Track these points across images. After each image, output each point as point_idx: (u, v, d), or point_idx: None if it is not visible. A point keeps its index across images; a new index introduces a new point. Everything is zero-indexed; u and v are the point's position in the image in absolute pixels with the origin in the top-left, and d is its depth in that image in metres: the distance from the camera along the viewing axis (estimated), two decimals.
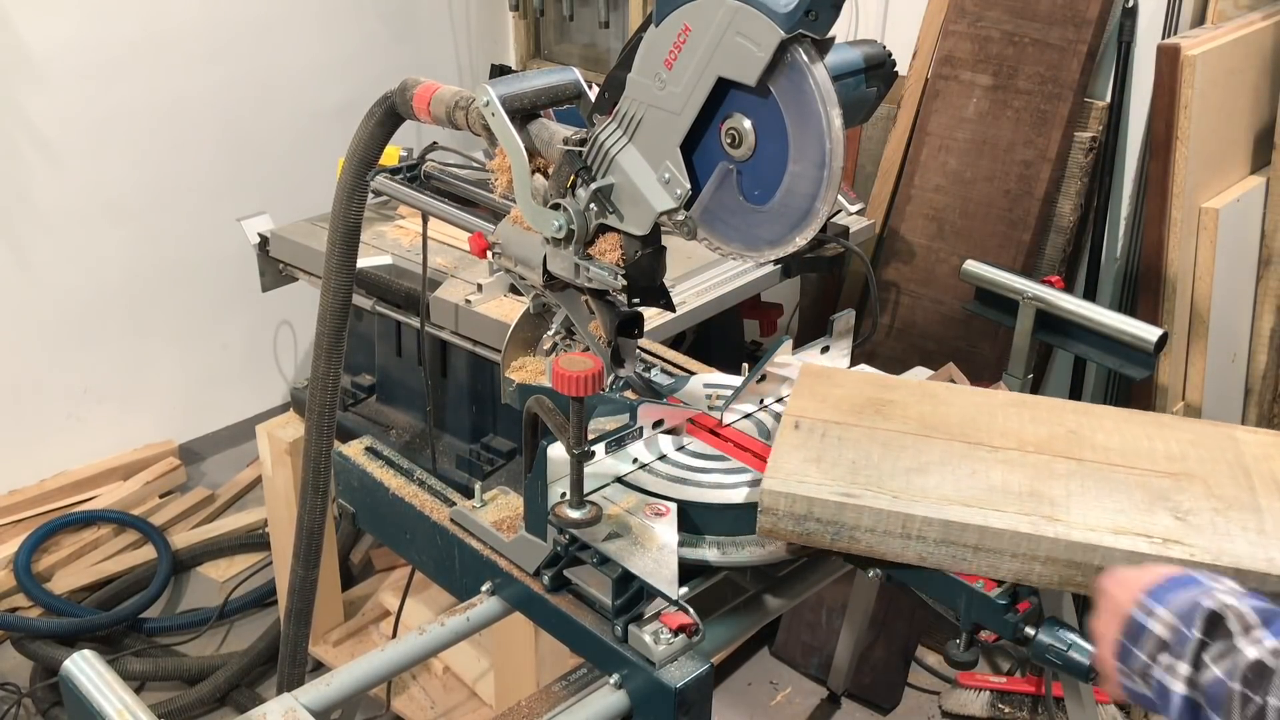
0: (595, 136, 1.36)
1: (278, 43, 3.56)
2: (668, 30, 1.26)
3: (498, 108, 1.42)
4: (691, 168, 1.33)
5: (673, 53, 1.26)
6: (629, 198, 1.36)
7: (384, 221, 2.61)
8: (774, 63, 1.20)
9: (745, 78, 1.22)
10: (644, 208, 1.35)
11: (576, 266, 1.43)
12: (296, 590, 1.98)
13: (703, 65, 1.25)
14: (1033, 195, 2.81)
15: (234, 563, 3.34)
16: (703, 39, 1.24)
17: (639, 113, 1.32)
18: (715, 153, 1.30)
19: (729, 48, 1.22)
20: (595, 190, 1.36)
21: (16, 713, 2.79)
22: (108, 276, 3.38)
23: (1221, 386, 2.84)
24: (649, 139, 1.33)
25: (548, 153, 1.45)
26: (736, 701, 2.89)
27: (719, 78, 1.25)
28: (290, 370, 3.93)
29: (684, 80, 1.27)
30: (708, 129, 1.30)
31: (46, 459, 3.40)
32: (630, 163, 1.35)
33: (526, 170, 1.43)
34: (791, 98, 1.21)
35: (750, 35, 1.20)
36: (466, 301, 2.19)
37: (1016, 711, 2.77)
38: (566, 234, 1.40)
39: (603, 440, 1.37)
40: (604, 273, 1.40)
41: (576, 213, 1.39)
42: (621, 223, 1.38)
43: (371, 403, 2.63)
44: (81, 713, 1.21)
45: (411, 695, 2.77)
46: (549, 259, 1.46)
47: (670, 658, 1.25)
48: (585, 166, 1.37)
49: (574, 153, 1.38)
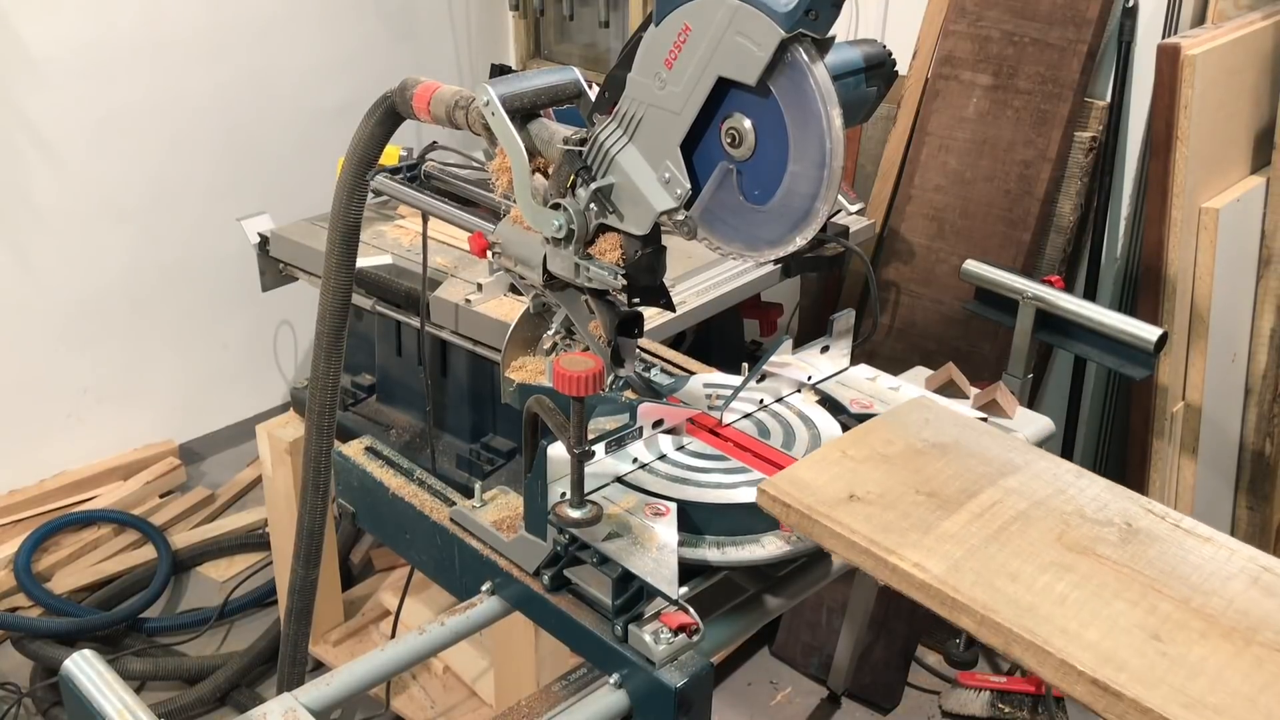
0: (595, 136, 1.36)
1: (278, 43, 3.56)
2: (668, 30, 1.26)
3: (497, 107, 1.42)
4: (691, 168, 1.32)
5: (673, 52, 1.26)
6: (629, 197, 1.36)
7: (384, 221, 2.61)
8: (774, 62, 1.20)
9: (745, 77, 1.22)
10: (644, 208, 1.35)
11: (576, 266, 1.42)
12: (297, 590, 1.98)
13: (703, 65, 1.25)
14: (1033, 195, 2.81)
15: (234, 563, 3.34)
16: (703, 38, 1.24)
17: (639, 112, 1.32)
18: (715, 152, 1.30)
19: (729, 47, 1.22)
20: (595, 190, 1.36)
21: (16, 713, 2.79)
22: (107, 276, 3.38)
23: (1221, 386, 2.84)
24: (649, 139, 1.33)
25: (548, 152, 1.45)
26: (736, 701, 2.89)
27: (719, 77, 1.24)
28: (290, 370, 3.93)
29: (684, 80, 1.27)
30: (708, 129, 1.29)
31: (46, 459, 3.40)
32: (630, 162, 1.34)
33: (526, 170, 1.43)
34: (792, 97, 1.21)
35: (750, 35, 1.19)
36: (466, 301, 2.19)
37: (1016, 711, 2.76)
38: (566, 234, 1.40)
39: (603, 440, 1.37)
40: (604, 272, 1.40)
41: (576, 212, 1.38)
42: (621, 222, 1.38)
43: (371, 402, 2.63)
44: (81, 713, 1.21)
45: (411, 695, 2.77)
46: (549, 259, 1.46)
47: (670, 657, 1.25)
48: (585, 166, 1.37)
49: (574, 152, 1.38)
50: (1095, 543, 1.21)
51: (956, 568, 1.16)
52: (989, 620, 1.10)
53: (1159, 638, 1.07)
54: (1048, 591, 1.12)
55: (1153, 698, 0.99)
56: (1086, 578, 1.15)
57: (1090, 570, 1.16)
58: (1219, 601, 1.13)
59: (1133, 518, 1.26)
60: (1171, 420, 2.79)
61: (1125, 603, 1.12)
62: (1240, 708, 0.99)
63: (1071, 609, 1.10)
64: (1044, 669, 1.06)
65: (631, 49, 1.31)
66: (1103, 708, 1.02)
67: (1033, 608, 1.10)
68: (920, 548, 1.18)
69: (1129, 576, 1.16)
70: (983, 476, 1.31)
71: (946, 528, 1.22)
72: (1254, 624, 1.09)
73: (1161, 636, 1.07)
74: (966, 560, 1.17)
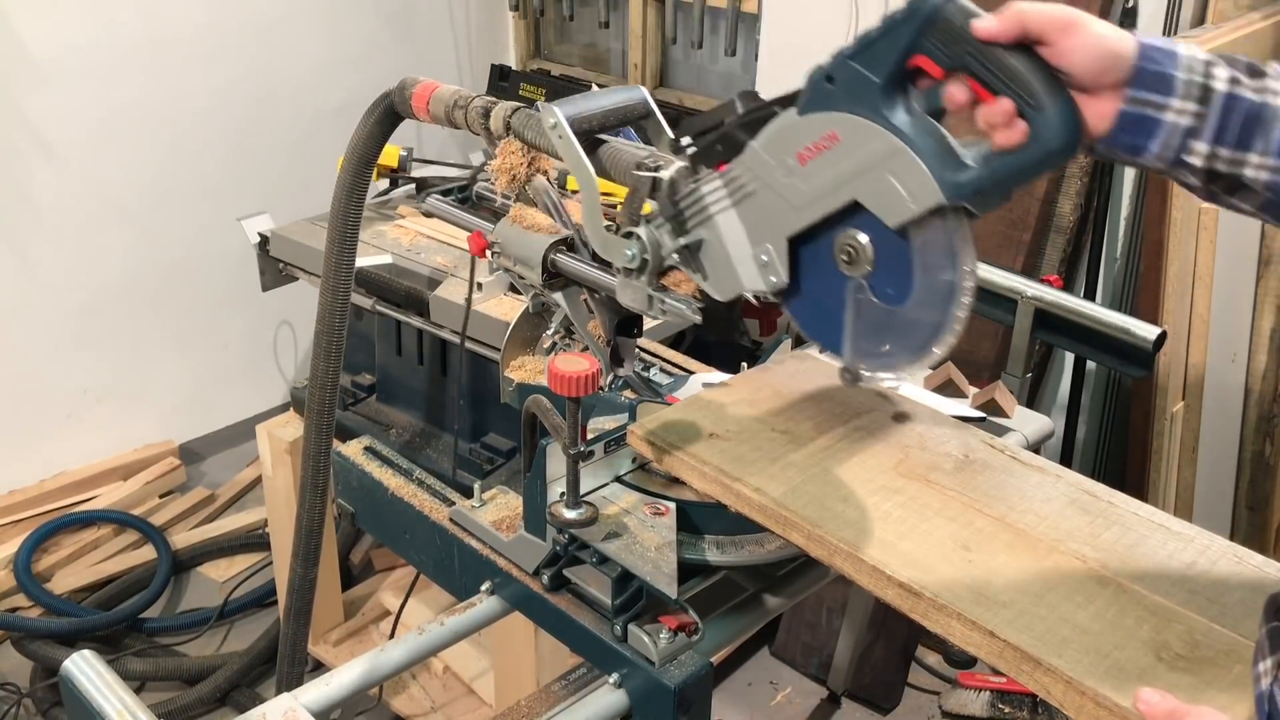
0: (697, 189, 1.23)
1: (278, 43, 3.57)
2: (812, 127, 1.11)
3: (565, 129, 1.31)
4: (793, 257, 1.20)
5: (810, 151, 1.12)
6: (717, 261, 1.24)
7: (384, 221, 2.61)
8: (921, 217, 1.08)
9: (885, 217, 1.09)
10: (731, 279, 1.24)
11: (650, 298, 1.32)
12: (296, 589, 1.98)
13: (841, 182, 1.11)
14: (1033, 195, 2.81)
15: (234, 563, 3.34)
16: (849, 157, 1.09)
17: (753, 187, 1.18)
18: (823, 253, 1.17)
19: (878, 181, 1.08)
20: (684, 246, 1.25)
21: (16, 713, 2.79)
22: (108, 276, 3.38)
23: (1221, 386, 2.84)
24: (756, 215, 1.20)
25: (620, 177, 1.35)
26: (736, 701, 2.89)
27: (855, 200, 1.11)
28: (290, 370, 3.94)
29: (814, 184, 1.13)
30: (822, 230, 1.17)
31: (46, 459, 3.40)
32: (728, 228, 1.22)
33: (597, 198, 1.32)
34: (929, 254, 1.10)
35: (905, 183, 1.06)
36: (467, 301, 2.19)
37: (1016, 711, 2.76)
38: (640, 264, 1.30)
39: (601, 440, 1.37)
40: (680, 305, 1.30)
41: (651, 242, 1.28)
42: (704, 281, 1.26)
43: (371, 402, 2.62)
44: (81, 713, 1.21)
45: (411, 695, 2.77)
46: (619, 290, 1.36)
47: (670, 657, 1.25)
48: (679, 214, 1.25)
49: (647, 179, 1.25)
50: (930, 470, 1.32)
51: (794, 491, 1.26)
52: (815, 535, 1.20)
53: (968, 548, 1.18)
54: (874, 510, 1.23)
55: (948, 595, 1.10)
56: (913, 499, 1.26)
57: (918, 492, 1.27)
58: (1033, 518, 1.24)
59: (971, 450, 1.37)
60: (1171, 420, 2.79)
61: (944, 519, 1.22)
62: (1026, 602, 1.09)
63: (893, 524, 1.21)
64: (860, 575, 1.17)
65: (759, 117, 1.16)
66: (908, 608, 1.14)
67: (856, 523, 1.21)
68: (764, 475, 1.28)
69: (953, 498, 1.26)
70: (837, 417, 1.42)
71: (793, 458, 1.32)
72: (1061, 536, 1.20)
73: (971, 547, 1.17)
74: (805, 485, 1.27)
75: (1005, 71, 0.98)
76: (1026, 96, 0.98)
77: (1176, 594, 1.11)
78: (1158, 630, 1.06)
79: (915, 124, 1.05)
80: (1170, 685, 0.97)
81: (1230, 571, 1.15)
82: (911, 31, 1.01)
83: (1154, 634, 1.05)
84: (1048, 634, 1.04)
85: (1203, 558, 1.17)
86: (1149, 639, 1.04)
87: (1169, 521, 1.24)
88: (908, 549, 1.17)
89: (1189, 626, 1.06)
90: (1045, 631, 1.05)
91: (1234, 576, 1.14)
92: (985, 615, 1.07)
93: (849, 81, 1.06)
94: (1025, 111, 0.98)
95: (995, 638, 1.05)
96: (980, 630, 1.06)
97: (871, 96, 1.05)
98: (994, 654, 1.06)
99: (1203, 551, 1.18)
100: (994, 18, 0.98)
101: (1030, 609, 1.08)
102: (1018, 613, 1.07)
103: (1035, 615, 1.07)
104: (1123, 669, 1.00)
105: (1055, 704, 1.01)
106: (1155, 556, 1.17)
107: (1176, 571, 1.14)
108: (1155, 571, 1.14)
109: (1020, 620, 1.06)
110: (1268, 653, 0.91)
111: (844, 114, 1.07)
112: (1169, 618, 1.07)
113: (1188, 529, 1.22)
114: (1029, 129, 0.98)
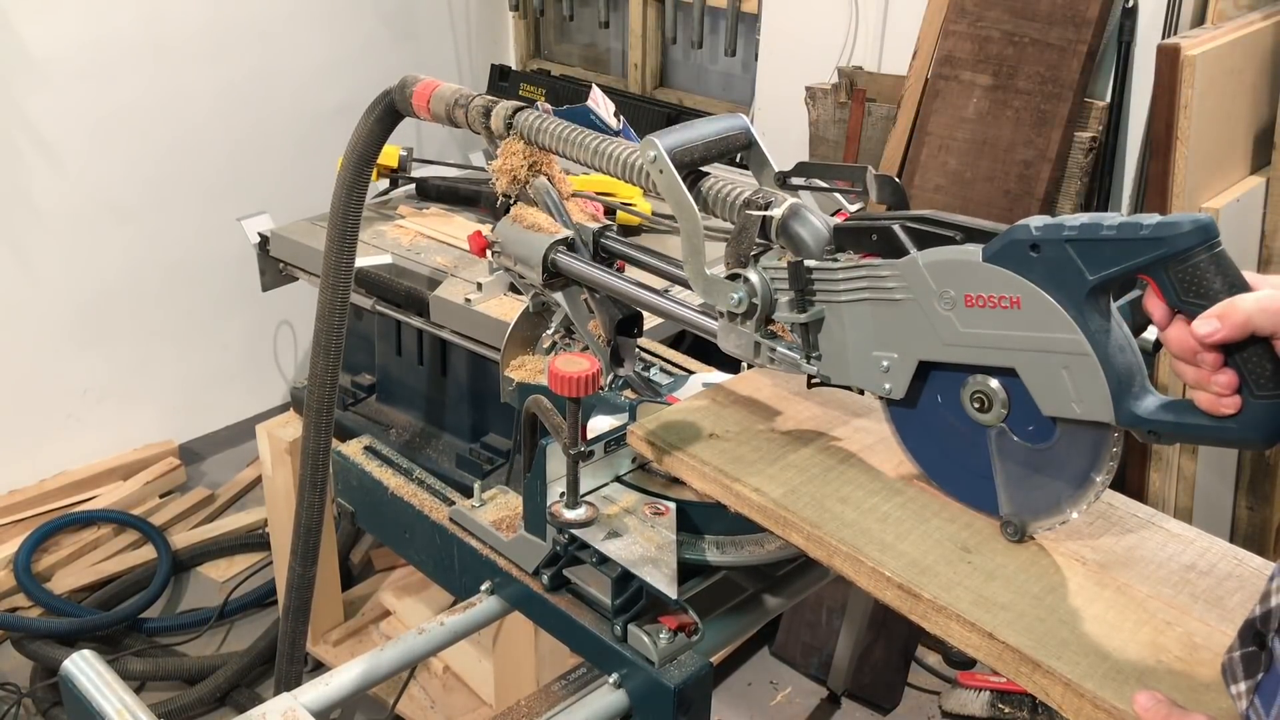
0: (836, 269, 1.16)
1: (278, 43, 3.57)
2: (994, 278, 1.02)
3: (666, 164, 1.23)
4: (919, 376, 1.14)
5: (983, 301, 1.03)
6: (833, 344, 1.19)
7: (384, 221, 2.61)
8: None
9: (1041, 404, 1.04)
10: (839, 366, 1.19)
11: (757, 345, 1.24)
12: (294, 587, 1.98)
13: (1006, 345, 1.03)
14: (1033, 195, 2.81)
15: (234, 563, 3.34)
16: (1026, 330, 1.01)
17: (900, 295, 1.10)
18: (949, 386, 1.13)
19: (1048, 370, 1.01)
20: (806, 323, 1.19)
21: (16, 713, 2.79)
22: (108, 276, 3.39)
23: None
24: (893, 322, 1.12)
25: (725, 214, 1.29)
26: (736, 701, 2.89)
27: (1014, 369, 1.04)
28: (290, 370, 3.94)
29: (974, 331, 1.05)
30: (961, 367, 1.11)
31: (46, 459, 3.41)
32: (856, 321, 1.15)
33: (700, 236, 1.24)
34: (1074, 442, 1.06)
35: (1078, 386, 1.00)
36: (466, 300, 2.19)
37: (1016, 711, 2.77)
38: (748, 308, 1.22)
39: (601, 440, 1.37)
40: (794, 354, 1.22)
41: (762, 284, 1.21)
42: (817, 362, 1.21)
43: (371, 402, 2.63)
44: (81, 713, 1.21)
45: (411, 695, 2.77)
46: (720, 335, 1.28)
47: (669, 657, 1.25)
48: (809, 285, 1.18)
49: (757, 219, 1.19)
50: None
51: (794, 492, 1.24)
52: (814, 536, 1.18)
53: (968, 549, 1.16)
54: (873, 511, 1.21)
55: (947, 597, 1.09)
56: (912, 500, 1.24)
57: (916, 494, 1.25)
58: None
59: None
60: None
61: (943, 520, 1.20)
62: (1025, 604, 1.08)
63: (892, 525, 1.19)
64: (859, 577, 1.15)
65: (929, 233, 1.10)
66: (908, 610, 1.12)
67: (855, 524, 1.19)
68: (764, 475, 1.27)
69: (952, 499, 1.24)
70: (836, 417, 1.40)
71: (793, 459, 1.31)
72: (1060, 538, 1.18)
73: (971, 548, 1.16)
74: (804, 486, 1.25)
75: (1242, 347, 0.92)
76: (1256, 378, 0.91)
77: (1176, 597, 1.11)
78: (1157, 633, 1.06)
79: (1112, 337, 0.98)
80: (1169, 688, 0.97)
81: (1230, 574, 1.15)
82: (1152, 258, 0.93)
83: (1153, 637, 1.05)
84: (1047, 636, 1.04)
85: (1202, 560, 1.17)
86: (1148, 642, 1.04)
87: (1168, 523, 1.24)
88: (907, 550, 1.17)
89: (1188, 629, 1.06)
90: (1044, 634, 1.05)
91: (1234, 579, 1.14)
92: (984, 617, 1.07)
93: (1056, 261, 0.97)
94: (1244, 391, 0.92)
95: (994, 639, 1.05)
96: (979, 632, 1.06)
97: (1076, 290, 0.97)
98: (993, 656, 1.06)
99: (1202, 554, 1.18)
100: (1219, 322, 0.91)
101: (1029, 611, 1.08)
102: (1017, 615, 1.07)
103: (1034, 617, 1.07)
104: (1121, 672, 1.00)
105: (1054, 706, 1.01)
106: (1155, 559, 1.17)
107: (1176, 574, 1.14)
108: (1155, 574, 1.14)
109: (1019, 622, 1.06)
110: (1242, 676, 0.91)
111: (1037, 289, 0.99)
112: (1168, 620, 1.07)
113: (1187, 531, 1.22)
114: (1241, 408, 0.92)
